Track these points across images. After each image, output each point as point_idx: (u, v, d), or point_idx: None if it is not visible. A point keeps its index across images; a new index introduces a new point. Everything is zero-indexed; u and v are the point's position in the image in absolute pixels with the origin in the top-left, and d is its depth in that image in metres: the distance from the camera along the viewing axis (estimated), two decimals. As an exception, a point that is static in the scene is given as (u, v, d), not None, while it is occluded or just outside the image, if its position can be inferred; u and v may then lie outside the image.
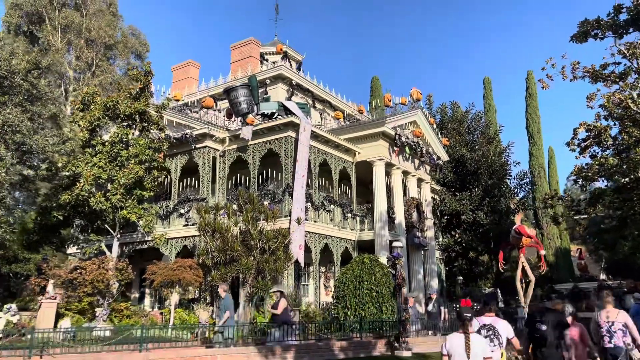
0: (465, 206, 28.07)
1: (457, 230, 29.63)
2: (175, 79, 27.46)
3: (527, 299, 12.10)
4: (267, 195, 18.58)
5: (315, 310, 17.70)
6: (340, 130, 22.17)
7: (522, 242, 12.11)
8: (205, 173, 19.53)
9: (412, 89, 23.72)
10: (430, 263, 24.85)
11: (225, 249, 15.16)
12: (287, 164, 18.60)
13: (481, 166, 28.69)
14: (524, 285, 12.45)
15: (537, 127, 37.09)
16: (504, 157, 29.95)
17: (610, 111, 21.36)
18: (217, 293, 16.09)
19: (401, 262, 11.63)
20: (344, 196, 21.75)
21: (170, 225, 19.84)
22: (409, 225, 23.02)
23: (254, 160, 19.34)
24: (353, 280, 16.96)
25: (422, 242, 23.34)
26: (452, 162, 29.74)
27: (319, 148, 20.17)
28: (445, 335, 13.91)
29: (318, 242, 19.30)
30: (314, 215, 19.49)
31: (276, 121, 18.62)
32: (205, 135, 19.48)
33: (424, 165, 25.41)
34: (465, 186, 29.56)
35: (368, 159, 21.71)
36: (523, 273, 12.37)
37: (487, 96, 35.30)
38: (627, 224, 21.00)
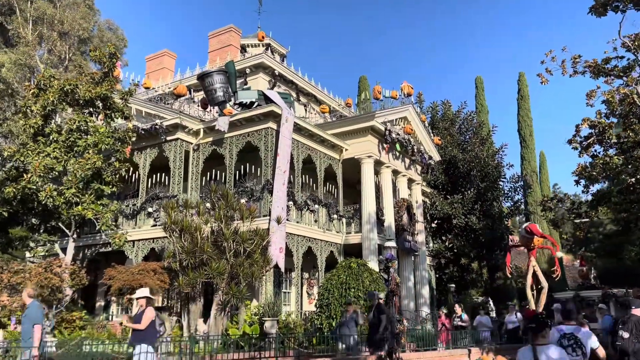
0: (457, 209, 26.58)
1: (448, 235, 28.11)
2: (149, 69, 25.61)
3: (540, 309, 10.50)
4: (244, 192, 16.82)
5: (296, 320, 15.93)
6: (326, 125, 20.53)
7: (533, 243, 10.53)
8: (177, 168, 17.70)
9: (403, 83, 22.22)
10: (421, 269, 23.24)
11: (194, 250, 13.35)
12: (267, 158, 16.88)
13: (474, 168, 27.27)
14: (534, 293, 10.86)
15: (529, 130, 35.92)
16: (497, 159, 28.59)
17: (612, 108, 20.07)
18: (184, 300, 14.29)
19: (395, 264, 10.00)
20: (330, 196, 20.07)
21: (138, 226, 17.94)
22: (399, 228, 21.39)
23: (230, 154, 17.58)
24: (338, 287, 15.25)
25: (413, 246, 21.73)
26: (443, 163, 28.28)
27: (302, 143, 18.49)
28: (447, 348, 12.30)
29: (300, 245, 17.56)
30: (297, 215, 17.77)
31: (255, 111, 16.91)
32: (177, 126, 17.67)
33: (415, 165, 23.88)
34: (457, 189, 28.10)
35: (356, 155, 20.09)
36: (534, 279, 10.78)
37: (479, 96, 34.05)
38: (631, 228, 19.65)
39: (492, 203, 28.46)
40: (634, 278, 20.65)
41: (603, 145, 20.08)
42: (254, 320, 14.25)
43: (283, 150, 16.62)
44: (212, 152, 18.11)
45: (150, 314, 8.10)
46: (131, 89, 16.55)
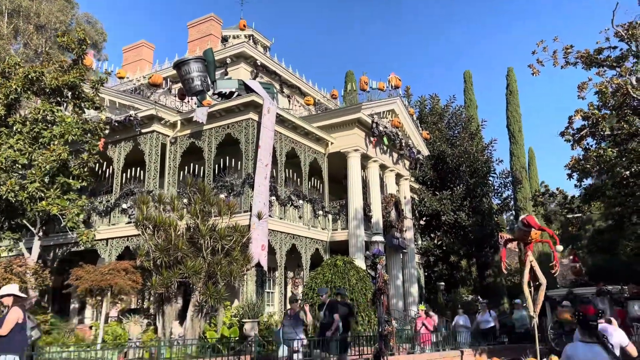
0: (446, 206, 25.92)
1: (437, 232, 27.46)
2: (127, 61, 24.56)
3: (538, 307, 9.78)
4: (224, 187, 15.94)
5: (279, 321, 15.06)
6: (311, 118, 19.71)
7: (530, 237, 9.81)
8: (153, 162, 16.76)
9: (391, 75, 21.49)
10: (410, 267, 22.52)
11: (168, 248, 12.45)
12: (248, 151, 16.01)
13: (463, 163, 26.64)
14: (532, 290, 10.14)
15: (518, 125, 35.47)
16: (487, 154, 28.00)
17: (605, 100, 19.50)
18: (159, 302, 13.37)
19: (382, 260, 9.24)
20: (315, 191, 19.26)
21: (112, 223, 16.97)
22: (386, 224, 20.65)
23: (209, 147, 16.68)
24: (324, 285, 14.49)
25: (401, 243, 21.01)
26: (431, 158, 27.63)
27: (286, 135, 17.65)
28: (439, 350, 11.54)
29: (284, 243, 16.73)
30: (280, 211, 16.93)
31: (235, 101, 16.03)
32: (153, 118, 16.73)
33: (403, 160, 23.16)
34: (445, 185, 27.45)
35: (342, 149, 19.30)
36: (531, 275, 10.05)
37: (467, 91, 33.48)
38: (624, 222, 19.11)
39: (481, 199, 27.87)
40: (626, 274, 20.18)
41: (596, 138, 19.49)
42: (234, 322, 13.39)
43: (265, 143, 15.78)
44: (190, 145, 17.21)
45: (14, 316, 6.30)
46: (102, 77, 15.59)
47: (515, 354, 13.88)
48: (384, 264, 9.38)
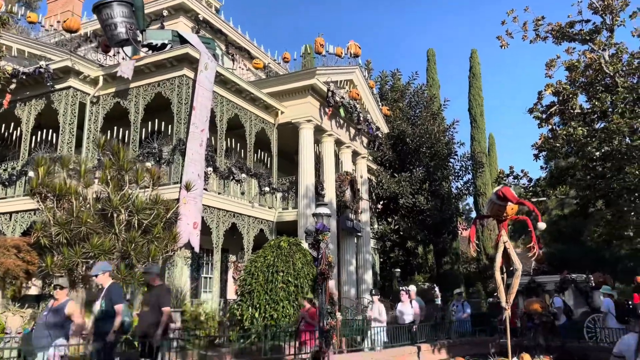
0: (405, 188, 24.39)
1: (395, 216, 25.96)
2: (52, 13, 21.56)
3: (511, 297, 8.15)
4: (151, 154, 13.67)
5: (212, 311, 13.05)
6: (259, 83, 17.56)
7: (506, 213, 8.14)
8: (68, 124, 14.25)
9: (350, 42, 19.57)
10: (364, 252, 20.89)
11: (69, 221, 10.15)
12: (181, 113, 13.77)
13: (423, 144, 25.16)
14: (504, 277, 8.51)
15: (480, 109, 34.39)
16: (449, 136, 26.64)
17: (574, 77, 18.21)
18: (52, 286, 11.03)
19: (327, 237, 7.38)
20: (262, 166, 17.20)
21: (17, 194, 14.39)
22: (340, 205, 18.89)
23: (136, 108, 14.33)
24: (264, 270, 12.53)
25: (355, 226, 19.31)
26: (391, 138, 26.02)
27: (228, 99, 15.47)
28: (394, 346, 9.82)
29: (222, 221, 14.64)
30: (218, 185, 14.81)
31: (167, 54, 13.70)
32: (69, 71, 14.18)
33: (361, 137, 21.39)
34: (405, 166, 25.93)
35: (294, 119, 17.29)
36: (505, 259, 8.42)
37: (430, 69, 32.02)
38: (589, 207, 18.02)
39: (441, 183, 26.54)
40: (591, 262, 19.36)
41: (565, 117, 18.21)
42: (153, 312, 11.24)
43: (201, 104, 13.57)
44: (115, 106, 14.79)
45: None
46: (3, 18, 12.91)
47: (479, 348, 12.41)
48: (329, 242, 7.51)
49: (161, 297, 7.29)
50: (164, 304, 7.21)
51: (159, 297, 7.26)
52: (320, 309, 7.50)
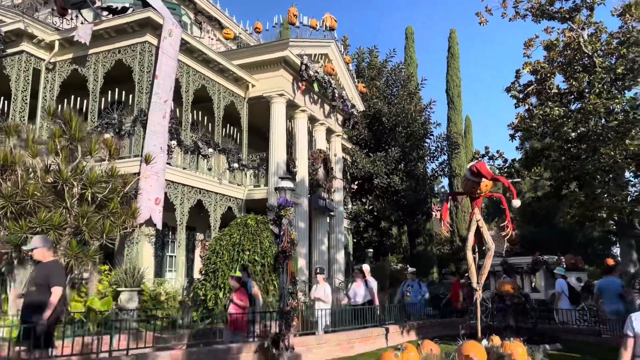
0: (380, 168, 24.02)
1: (369, 196, 25.62)
2: (8, -26, 20.15)
3: (483, 277, 7.78)
4: (110, 125, 12.85)
5: (175, 291, 12.48)
6: (229, 54, 16.75)
7: (480, 189, 7.72)
8: (21, 91, 13.29)
9: (326, 15, 18.84)
10: (337, 232, 20.49)
11: (15, 193, 9.38)
12: (143, 82, 12.94)
13: (400, 123, 24.74)
14: (476, 257, 8.15)
15: (458, 90, 34.12)
16: (425, 116, 26.26)
17: (552, 57, 17.94)
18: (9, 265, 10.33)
19: (289, 213, 6.85)
20: (231, 141, 16.50)
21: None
22: (313, 183, 18.40)
23: (95, 76, 13.43)
24: (230, 249, 12.01)
25: (328, 205, 18.85)
26: (367, 117, 25.55)
27: (195, 69, 14.67)
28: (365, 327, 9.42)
29: (187, 198, 13.97)
30: (183, 160, 14.10)
31: (128, 18, 12.79)
32: (22, 34, 13.18)
33: (336, 114, 20.80)
34: (380, 146, 25.52)
35: (265, 93, 16.58)
36: (477, 238, 8.04)
37: (408, 48, 31.45)
38: (563, 189, 17.93)
39: (416, 163, 26.26)
40: (562, 244, 19.37)
41: (541, 98, 17.98)
42: (108, 292, 10.63)
43: (164, 73, 12.77)
44: (72, 74, 13.85)
45: None
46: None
47: (448, 330, 12.18)
48: (291, 218, 6.99)
49: (52, 274, 6.11)
50: (54, 283, 5.99)
51: (49, 275, 6.10)
52: (281, 290, 7.01)
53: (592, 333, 10.85)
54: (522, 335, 9.81)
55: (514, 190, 7.24)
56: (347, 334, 8.76)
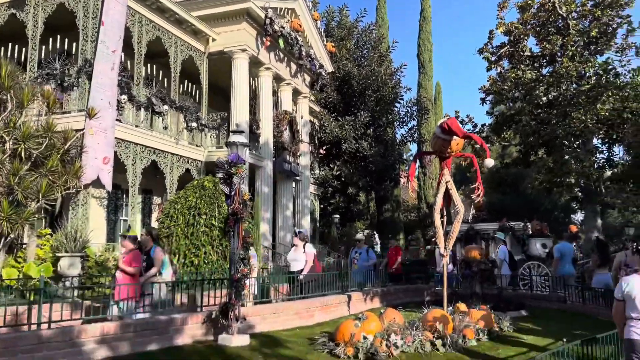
0: (348, 133, 23.36)
1: (337, 162, 25.03)
2: None
3: (451, 242, 7.31)
4: (52, 76, 11.68)
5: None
6: (188, 4, 15.45)
7: (450, 148, 7.16)
8: (-51, 36, 11.91)
9: (293, -34, 17.67)
10: (303, 197, 19.91)
11: None
12: (88, 29, 11.76)
13: (369, 86, 23.99)
14: (444, 221, 7.65)
15: (429, 55, 33.42)
16: (395, 79, 25.57)
17: (525, 18, 17.40)
18: None
19: (241, 170, 6.12)
20: (190, 99, 15.49)
21: None
22: (278, 146, 17.64)
23: (35, 22, 12.14)
24: (185, 212, 11.27)
25: (293, 169, 18.17)
26: (336, 79, 24.69)
27: (148, 18, 13.48)
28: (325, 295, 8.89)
29: (140, 158, 13.01)
30: (135, 117, 13.08)
31: (69, -45, 11.49)
32: (-53, -30, 11.71)
33: (303, 74, 19.88)
34: (349, 110, 24.79)
35: (227, 48, 15.51)
36: (446, 200, 7.54)
37: (380, 8, 30.41)
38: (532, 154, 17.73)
39: (385, 129, 25.70)
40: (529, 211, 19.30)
41: (513, 62, 17.50)
42: (48, 258, 9.77)
43: (112, 19, 11.56)
44: (10, 19, 12.50)
45: None
46: None
47: (413, 296, 11.85)
48: (244, 177, 6.26)
49: None
50: None
51: None
52: (231, 255, 6.34)
53: (558, 299, 10.69)
54: (488, 302, 9.52)
55: (487, 149, 6.70)
56: (306, 302, 8.23)
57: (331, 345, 6.04)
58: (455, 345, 6.20)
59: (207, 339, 6.30)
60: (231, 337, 6.03)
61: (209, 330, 6.37)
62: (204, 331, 6.33)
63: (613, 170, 15.50)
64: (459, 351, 6.12)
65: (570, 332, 7.63)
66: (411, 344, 6.11)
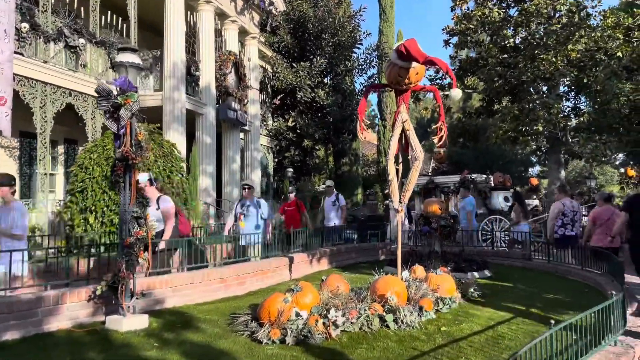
0: (303, 80, 21.63)
1: (292, 112, 23.37)
2: None
3: (407, 194, 6.01)
4: None
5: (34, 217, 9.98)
6: None
7: (408, 79, 5.73)
8: None
9: None
10: (252, 149, 18.38)
11: None
12: (-29, -63, 9.46)
13: (326, 28, 22.12)
14: (399, 169, 6.34)
15: (391, 0, 31.53)
16: (354, 23, 23.74)
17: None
18: None
19: (130, 101, 4.53)
20: (116, 35, 13.40)
21: None
22: (222, 91, 15.86)
23: None
24: (102, 163, 9.63)
25: (240, 117, 16.49)
26: (290, 22, 22.69)
27: None
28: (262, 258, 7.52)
29: (52, 100, 11.07)
30: (44, 52, 11.02)
31: None
32: None
33: (251, 12, 17.90)
34: (305, 56, 22.95)
35: (156, -25, 13.41)
36: (402, 144, 6.20)
37: (339, -54, 28.06)
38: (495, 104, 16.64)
39: (344, 77, 24.06)
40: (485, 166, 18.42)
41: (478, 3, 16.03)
42: None
43: None
44: None
45: None
46: None
47: (367, 255, 10.72)
48: (135, 110, 4.66)
49: None
50: None
51: None
52: (121, 213, 4.83)
53: (523, 257, 9.77)
54: (448, 261, 8.47)
55: (452, 76, 5.32)
56: (236, 267, 6.86)
57: (254, 326, 4.73)
58: (410, 320, 5.01)
59: (95, 320, 4.87)
60: (122, 319, 4.62)
61: (98, 310, 4.94)
62: (91, 311, 4.89)
63: (579, 119, 14.60)
64: (414, 327, 4.93)
65: (541, 297, 6.64)
66: (355, 321, 4.87)
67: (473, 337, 4.71)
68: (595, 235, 8.23)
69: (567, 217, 8.76)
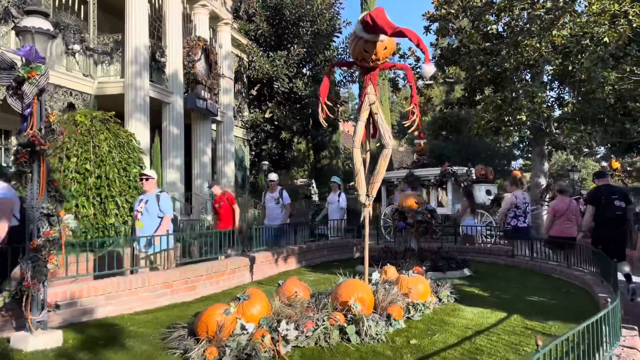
0: (281, 70, 20.86)
1: (269, 103, 22.58)
2: None
3: (374, 186, 5.30)
4: None
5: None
6: None
7: (375, 54, 5.02)
8: None
9: None
10: (225, 141, 17.56)
11: None
12: None
13: (304, 16, 21.35)
14: (368, 157, 5.63)
15: (373, -11, 30.76)
16: (334, 11, 22.99)
17: None
18: None
19: (36, 74, 3.76)
20: (73, 17, 12.44)
21: None
22: (191, 79, 14.99)
23: None
24: (49, 154, 8.68)
25: (210, 107, 15.65)
26: (267, 9, 21.88)
27: None
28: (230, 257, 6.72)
29: (-3, 86, 10.11)
30: (-13, 32, 10.07)
31: None
32: None
33: (223, -4, 17.02)
34: (282, 44, 22.15)
35: (116, -47, 12.47)
36: (369, 130, 5.49)
37: None
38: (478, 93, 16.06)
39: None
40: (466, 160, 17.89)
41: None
42: None
43: None
44: None
45: None
46: None
47: (340, 252, 10.04)
48: (44, 83, 3.89)
49: None
50: None
51: None
52: (26, 210, 4.05)
53: (505, 253, 9.18)
54: (425, 259, 7.82)
55: (426, 50, 4.60)
56: (184, 269, 6.10)
57: (189, 344, 3.99)
58: (376, 332, 4.32)
59: (2, 337, 4.08)
60: (28, 337, 3.84)
61: (7, 324, 4.15)
62: (-2, 326, 4.10)
63: (563, 109, 14.08)
64: (380, 340, 4.24)
65: (524, 299, 6.01)
66: (310, 334, 4.16)
67: (447, 351, 4.04)
68: (556, 225, 8.08)
69: (519, 209, 8.88)
